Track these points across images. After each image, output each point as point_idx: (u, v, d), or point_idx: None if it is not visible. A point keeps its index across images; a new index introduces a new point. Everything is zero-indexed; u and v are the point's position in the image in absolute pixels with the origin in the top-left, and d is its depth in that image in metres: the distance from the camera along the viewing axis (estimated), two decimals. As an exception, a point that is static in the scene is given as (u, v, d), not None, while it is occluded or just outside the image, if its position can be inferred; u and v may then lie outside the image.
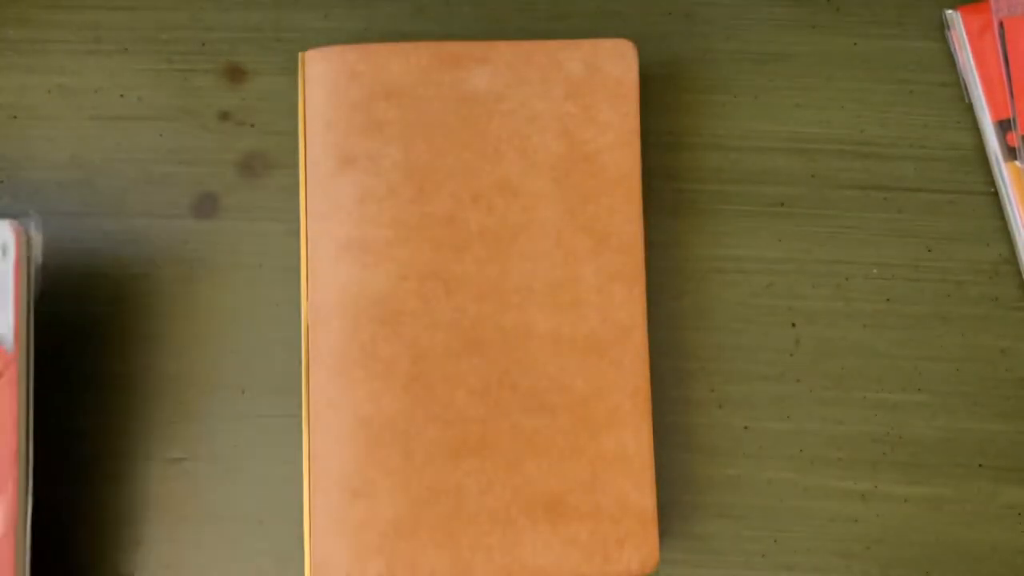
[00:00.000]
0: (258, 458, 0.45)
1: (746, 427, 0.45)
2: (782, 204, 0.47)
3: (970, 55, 0.47)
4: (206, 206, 0.46)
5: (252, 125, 0.47)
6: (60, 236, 0.46)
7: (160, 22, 0.47)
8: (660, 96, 0.47)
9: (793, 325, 0.46)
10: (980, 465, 0.45)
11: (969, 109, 0.47)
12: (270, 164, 0.46)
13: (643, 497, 0.42)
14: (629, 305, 0.43)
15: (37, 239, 0.44)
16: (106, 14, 0.47)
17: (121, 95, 0.47)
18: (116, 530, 0.44)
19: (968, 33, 0.47)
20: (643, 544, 0.42)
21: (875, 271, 0.46)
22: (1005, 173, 0.46)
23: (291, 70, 0.47)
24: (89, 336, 0.45)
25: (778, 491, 0.45)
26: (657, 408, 0.46)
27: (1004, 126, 0.46)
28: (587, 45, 0.44)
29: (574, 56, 0.43)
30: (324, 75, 0.43)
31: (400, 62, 0.43)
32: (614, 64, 0.43)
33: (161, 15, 0.47)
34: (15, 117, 0.46)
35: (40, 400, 0.45)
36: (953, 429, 0.46)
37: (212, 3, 0.47)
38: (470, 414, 0.42)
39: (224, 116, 0.47)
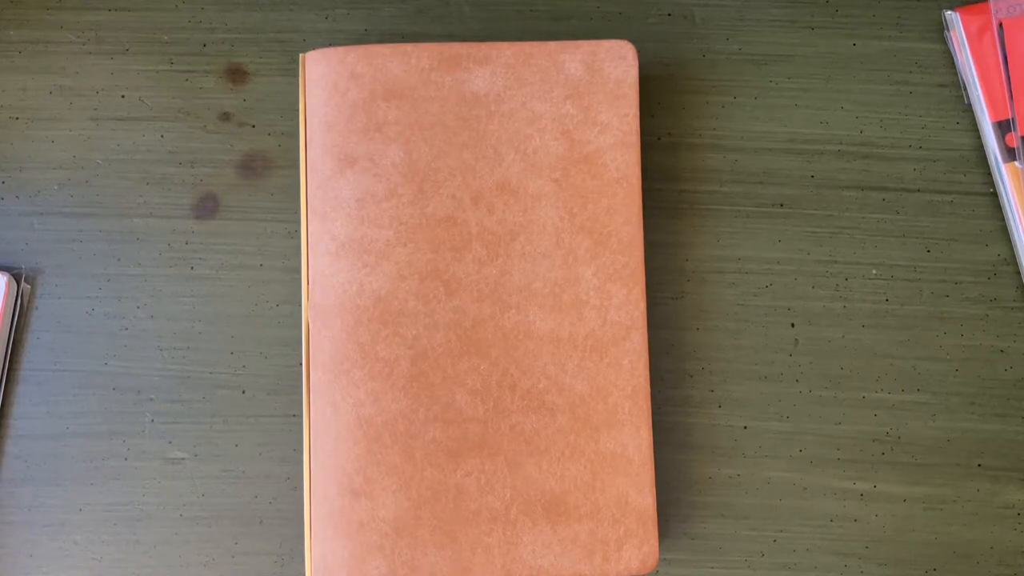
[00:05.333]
0: (258, 458, 0.45)
1: (746, 427, 0.45)
2: (781, 205, 0.47)
3: (969, 56, 0.47)
4: (206, 206, 0.46)
5: (252, 126, 0.47)
6: (60, 236, 0.46)
7: (161, 23, 0.47)
8: (660, 96, 0.47)
9: (792, 325, 0.46)
10: (979, 465, 0.45)
11: (968, 110, 0.47)
12: (270, 164, 0.47)
13: (643, 497, 0.42)
14: (628, 305, 0.43)
15: (25, 290, 0.45)
16: (107, 15, 0.47)
17: (122, 96, 0.47)
18: (117, 530, 0.45)
19: (967, 34, 0.47)
20: (643, 544, 0.42)
21: (874, 271, 0.46)
22: (1004, 174, 0.46)
23: (291, 71, 0.47)
24: (89, 336, 0.45)
25: (778, 491, 0.45)
26: (657, 408, 0.46)
27: (1003, 127, 0.46)
28: (587, 46, 0.44)
29: (574, 57, 0.43)
30: (324, 76, 0.43)
31: (400, 63, 0.43)
32: (614, 65, 0.44)
33: (162, 16, 0.47)
34: (16, 118, 0.46)
35: (39, 400, 0.45)
36: (952, 429, 0.46)
37: (213, 4, 0.47)
38: (470, 414, 0.42)
39: (225, 117, 0.47)
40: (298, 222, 0.46)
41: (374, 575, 0.41)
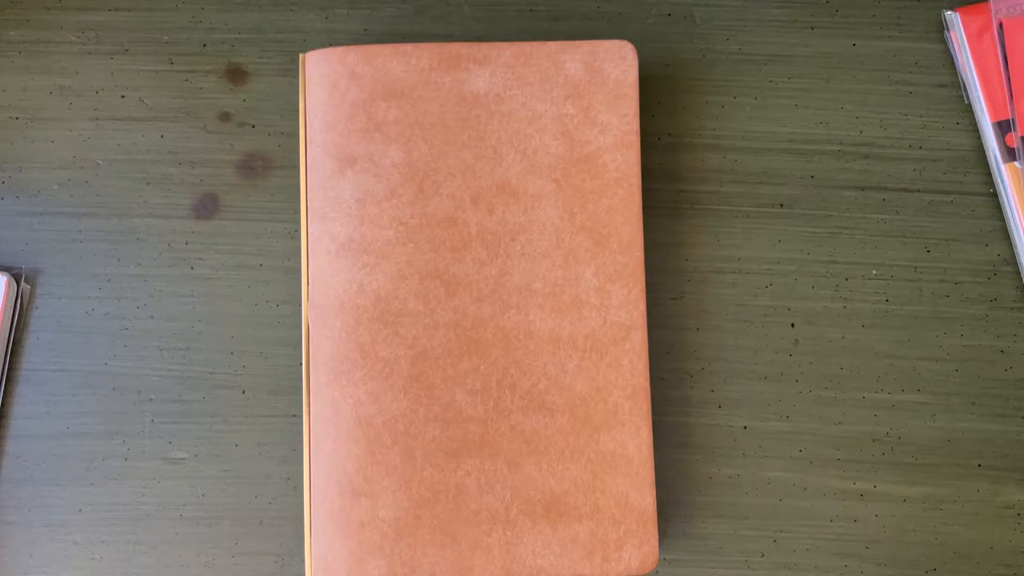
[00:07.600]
0: (258, 458, 0.45)
1: (746, 427, 0.45)
2: (781, 205, 0.47)
3: (969, 56, 0.47)
4: (206, 206, 0.46)
5: (252, 126, 0.47)
6: (60, 236, 0.46)
7: (161, 23, 0.47)
8: (660, 96, 0.47)
9: (792, 325, 0.46)
10: (979, 465, 0.45)
11: (968, 110, 0.47)
12: (270, 164, 0.47)
13: (643, 497, 0.42)
14: (629, 305, 0.43)
15: (25, 290, 0.45)
16: (107, 15, 0.47)
17: (122, 96, 0.47)
18: (117, 530, 0.45)
19: (967, 34, 0.47)
20: (643, 544, 0.42)
21: (874, 272, 0.46)
22: (1004, 174, 0.46)
23: (291, 71, 0.47)
24: (89, 336, 0.45)
25: (778, 491, 0.45)
26: (657, 408, 0.46)
27: (1003, 127, 0.46)
28: (587, 46, 0.44)
29: (574, 57, 0.44)
30: (324, 76, 0.43)
31: (400, 63, 0.43)
32: (614, 65, 0.44)
33: (162, 16, 0.47)
34: (16, 118, 0.46)
35: (39, 400, 0.45)
36: (952, 429, 0.46)
37: (213, 4, 0.47)
38: (470, 414, 0.42)
39: (225, 117, 0.47)
40: (298, 222, 0.46)
41: (374, 575, 0.41)
